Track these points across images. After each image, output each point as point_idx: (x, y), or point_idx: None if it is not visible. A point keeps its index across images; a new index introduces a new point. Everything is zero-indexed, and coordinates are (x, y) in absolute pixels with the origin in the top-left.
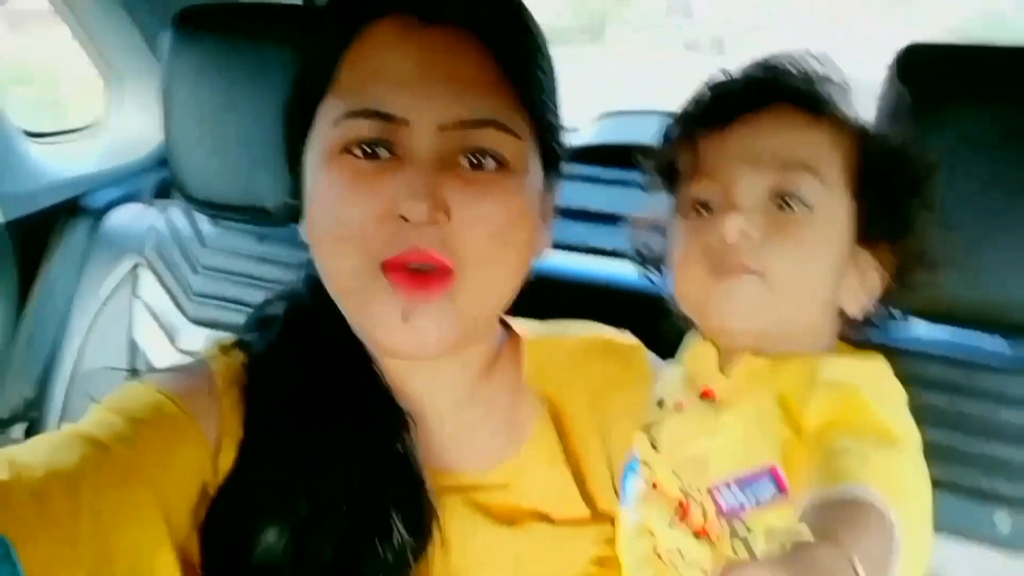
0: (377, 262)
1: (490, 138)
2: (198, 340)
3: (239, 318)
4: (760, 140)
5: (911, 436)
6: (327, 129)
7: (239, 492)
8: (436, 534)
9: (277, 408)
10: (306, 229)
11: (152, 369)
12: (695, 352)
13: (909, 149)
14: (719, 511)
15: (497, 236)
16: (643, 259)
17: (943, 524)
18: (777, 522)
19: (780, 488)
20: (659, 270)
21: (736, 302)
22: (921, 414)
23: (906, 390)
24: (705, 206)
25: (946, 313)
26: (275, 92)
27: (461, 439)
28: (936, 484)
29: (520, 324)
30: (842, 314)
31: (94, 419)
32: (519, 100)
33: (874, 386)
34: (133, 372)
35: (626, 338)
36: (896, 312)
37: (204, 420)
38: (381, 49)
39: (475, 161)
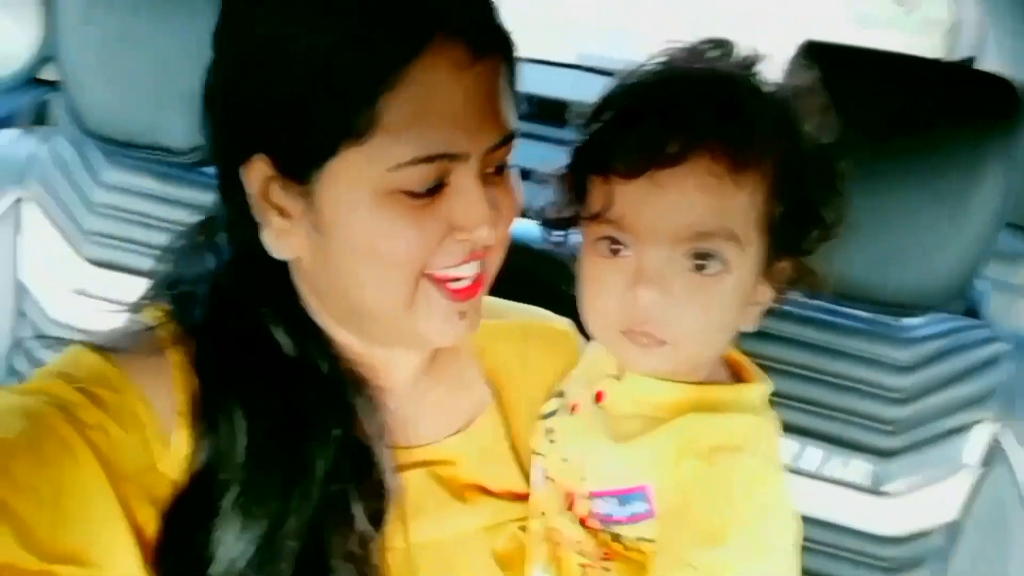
0: (420, 272)
1: (510, 148)
2: (95, 282)
3: (139, 260)
4: (677, 204)
5: (769, 502)
6: (377, 172)
7: (200, 487)
8: (396, 513)
9: (237, 410)
10: (285, 243)
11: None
12: (599, 353)
13: (822, 172)
14: (596, 514)
15: (511, 223)
16: (548, 223)
17: (813, 470)
18: (645, 531)
19: (650, 507)
20: (564, 235)
21: (645, 364)
22: (792, 369)
23: (780, 349)
24: (616, 245)
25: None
26: (191, 18)
27: (417, 414)
28: (805, 432)
29: None
30: None
31: (38, 384)
32: (516, 108)
33: (736, 455)
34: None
35: (559, 322)
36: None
37: (154, 394)
38: (435, 87)
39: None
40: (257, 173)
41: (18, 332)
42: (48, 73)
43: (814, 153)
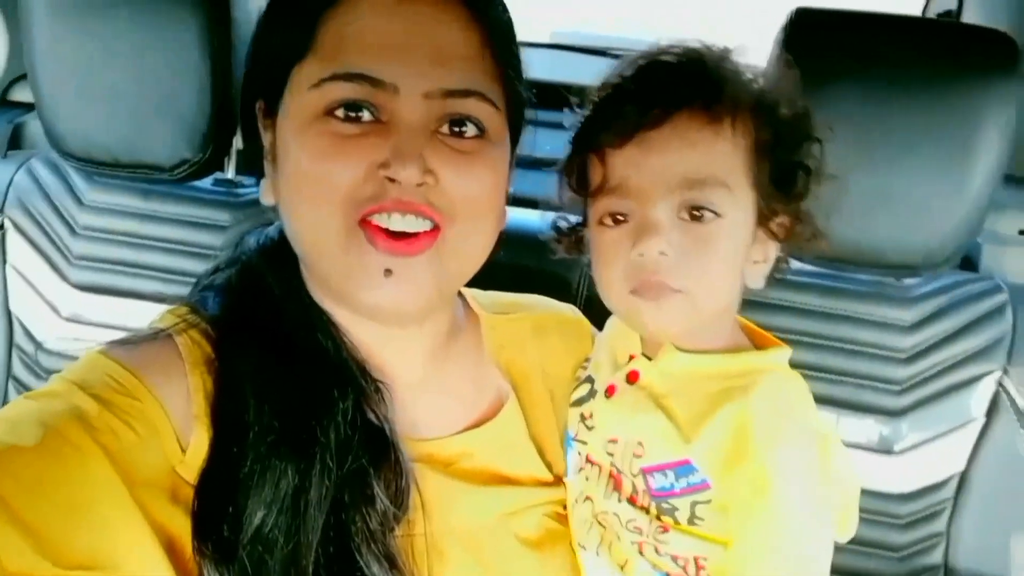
0: (356, 219)
1: (471, 107)
2: (85, 308)
3: (128, 282)
4: (666, 158)
5: (799, 447)
6: (305, 92)
7: (223, 476)
8: (416, 498)
9: (251, 388)
10: (268, 189)
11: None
12: (620, 335)
13: (799, 129)
14: (649, 490)
15: (478, 201)
16: (559, 232)
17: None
18: (699, 497)
19: (704, 477)
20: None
21: (661, 319)
22: (799, 338)
23: (785, 319)
24: (619, 215)
25: (819, 252)
26: (169, 33)
27: (429, 408)
28: (814, 399)
29: (473, 298)
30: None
31: (53, 391)
32: (497, 72)
33: (775, 419)
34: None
35: (571, 312)
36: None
37: (170, 399)
38: (368, 13)
39: (456, 129)
40: (263, 121)
41: (12, 365)
42: (19, 94)
43: (783, 102)
